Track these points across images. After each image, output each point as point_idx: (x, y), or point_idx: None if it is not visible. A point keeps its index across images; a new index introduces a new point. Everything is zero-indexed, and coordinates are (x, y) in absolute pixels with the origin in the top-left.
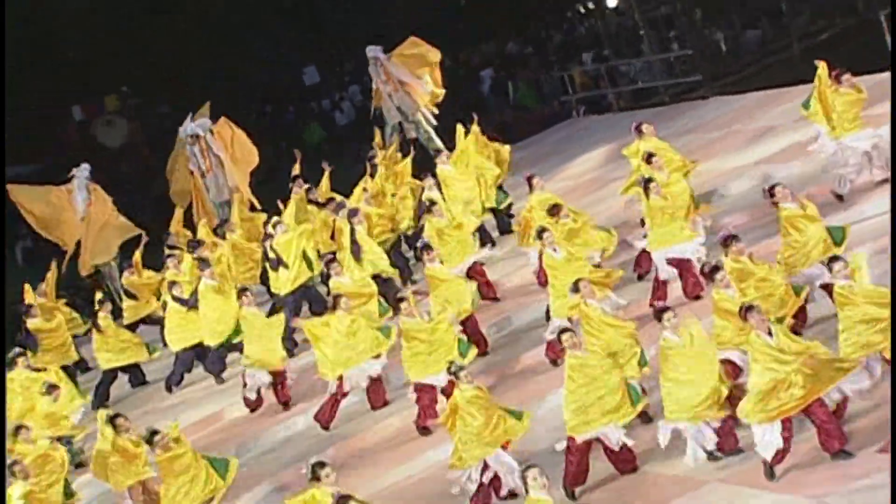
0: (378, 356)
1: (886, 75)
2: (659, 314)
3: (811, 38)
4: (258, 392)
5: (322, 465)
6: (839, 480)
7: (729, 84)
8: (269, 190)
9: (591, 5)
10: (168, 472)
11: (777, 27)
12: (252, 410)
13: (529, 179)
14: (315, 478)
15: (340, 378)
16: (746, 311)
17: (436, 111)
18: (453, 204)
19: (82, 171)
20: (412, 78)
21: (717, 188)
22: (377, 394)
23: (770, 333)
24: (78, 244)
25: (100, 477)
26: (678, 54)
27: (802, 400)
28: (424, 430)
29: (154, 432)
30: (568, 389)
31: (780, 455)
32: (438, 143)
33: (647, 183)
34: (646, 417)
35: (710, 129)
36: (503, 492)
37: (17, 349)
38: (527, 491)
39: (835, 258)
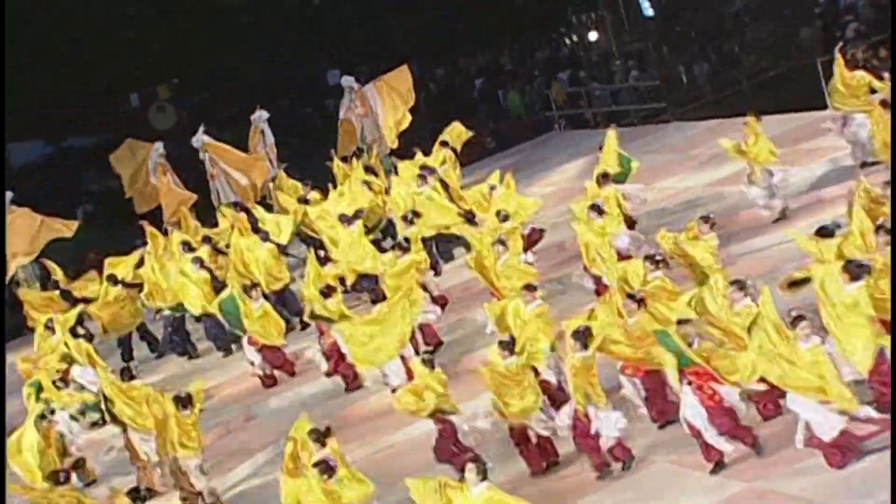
0: None
1: (819, 113)
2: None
3: (758, 76)
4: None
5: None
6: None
7: (688, 111)
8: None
9: (575, 38)
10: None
11: (731, 66)
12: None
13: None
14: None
15: None
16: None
17: (395, 143)
18: None
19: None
20: (382, 109)
21: (670, 206)
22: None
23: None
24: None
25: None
26: (647, 84)
27: None
28: None
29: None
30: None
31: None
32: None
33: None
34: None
35: (669, 151)
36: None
37: None
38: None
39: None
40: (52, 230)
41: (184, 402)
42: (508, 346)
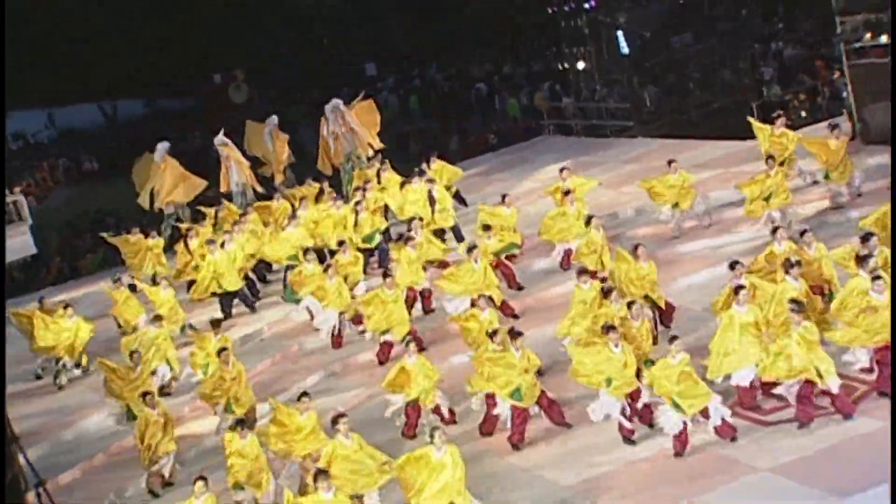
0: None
1: (748, 143)
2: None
3: (704, 107)
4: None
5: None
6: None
7: (650, 130)
8: None
9: (566, 65)
10: None
11: (684, 97)
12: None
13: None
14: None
15: None
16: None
17: (371, 154)
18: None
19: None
20: (360, 128)
21: (630, 208)
22: None
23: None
24: None
25: None
26: (619, 105)
27: None
28: None
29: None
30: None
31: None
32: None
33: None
34: None
35: (634, 161)
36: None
37: None
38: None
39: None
40: (195, 186)
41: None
42: None
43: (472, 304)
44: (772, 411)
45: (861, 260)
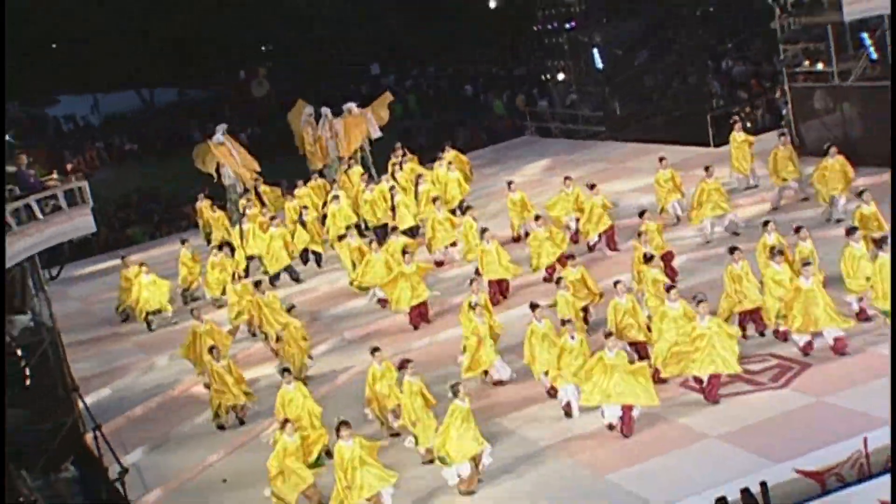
0: None
1: (705, 149)
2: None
3: (665, 116)
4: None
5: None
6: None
7: (619, 134)
8: None
9: (548, 76)
10: None
11: (649, 106)
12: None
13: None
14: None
15: None
16: None
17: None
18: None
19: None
20: (343, 133)
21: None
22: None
23: None
24: None
25: None
26: (593, 113)
27: None
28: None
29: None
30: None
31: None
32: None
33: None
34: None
35: (607, 162)
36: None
37: None
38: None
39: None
40: (251, 165)
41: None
42: None
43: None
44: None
45: (773, 253)
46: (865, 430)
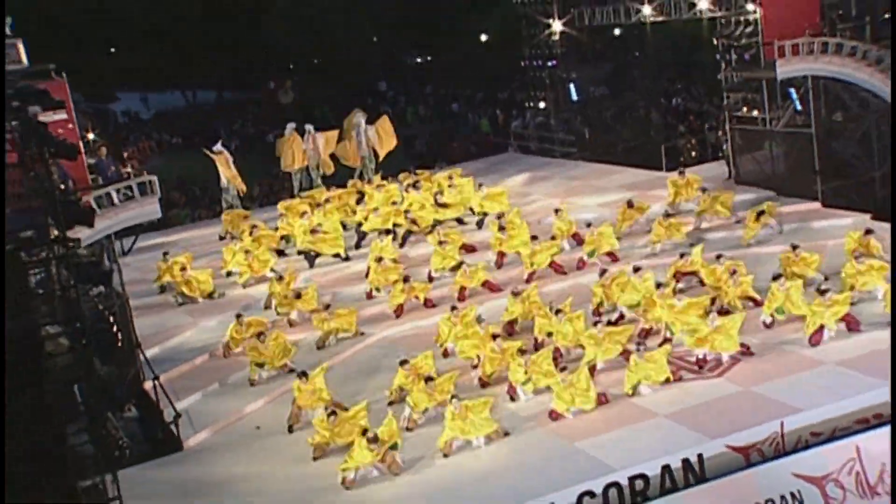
0: None
1: (657, 173)
2: None
3: (627, 143)
4: None
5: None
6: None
7: (587, 156)
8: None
9: (532, 104)
10: None
11: (612, 134)
12: None
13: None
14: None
15: None
16: None
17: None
18: None
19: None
20: (324, 148)
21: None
22: None
23: None
24: None
25: None
26: (566, 138)
27: None
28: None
29: None
30: None
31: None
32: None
33: None
34: None
35: (577, 179)
36: None
37: None
38: None
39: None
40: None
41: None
42: None
43: None
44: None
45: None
46: (782, 415)
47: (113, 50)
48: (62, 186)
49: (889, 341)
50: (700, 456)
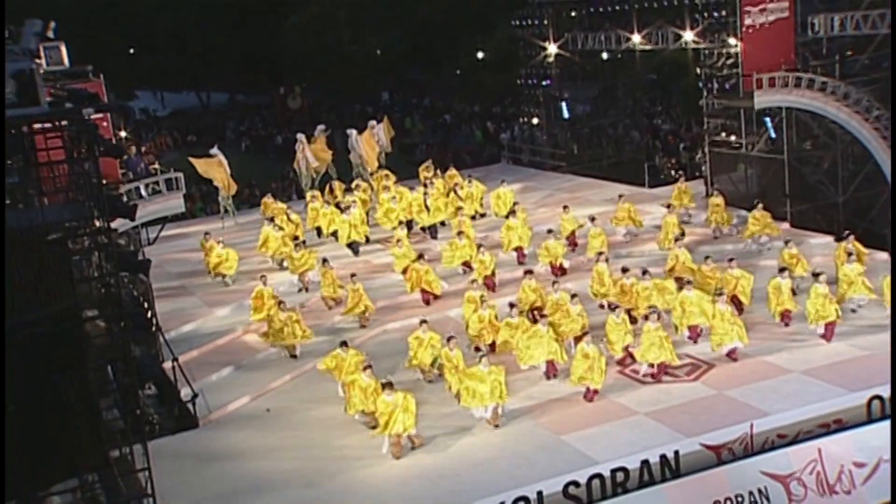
0: None
1: (639, 189)
2: None
3: (611, 158)
4: None
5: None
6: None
7: (575, 170)
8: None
9: (525, 119)
10: None
11: (599, 150)
12: None
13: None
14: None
15: None
16: None
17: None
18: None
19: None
20: (311, 159)
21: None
22: None
23: None
24: None
25: None
26: (558, 151)
27: None
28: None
29: None
30: None
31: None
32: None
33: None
34: None
35: (566, 192)
36: None
37: None
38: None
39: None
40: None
41: None
42: None
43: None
44: (645, 374)
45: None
46: (752, 417)
47: (132, 51)
48: (104, 182)
49: (846, 352)
50: (676, 452)
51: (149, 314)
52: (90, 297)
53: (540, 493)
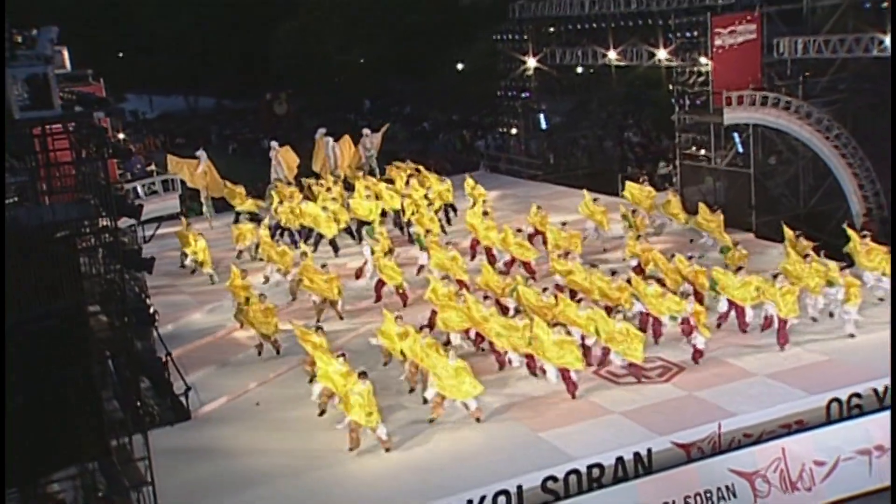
0: None
1: (612, 198)
2: None
3: (586, 168)
4: None
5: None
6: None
7: (551, 178)
8: None
9: (504, 129)
10: None
11: (572, 160)
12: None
13: None
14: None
15: None
16: None
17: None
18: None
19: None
20: (283, 164)
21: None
22: None
23: None
24: None
25: None
26: (535, 161)
27: None
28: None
29: None
30: None
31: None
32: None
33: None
34: None
35: (542, 199)
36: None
37: None
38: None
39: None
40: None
41: None
42: None
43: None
44: (622, 375)
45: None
46: (720, 418)
47: (121, 55)
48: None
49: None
50: (649, 450)
51: (150, 310)
52: (93, 293)
53: (520, 487)
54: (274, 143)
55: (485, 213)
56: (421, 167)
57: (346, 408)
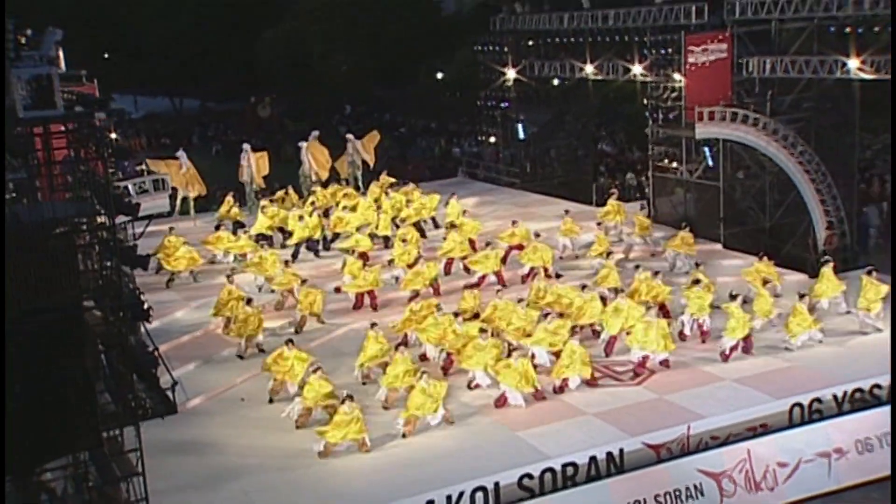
0: None
1: (587, 206)
2: None
3: (560, 178)
4: None
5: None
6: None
7: (528, 186)
8: None
9: (483, 137)
10: None
11: (548, 169)
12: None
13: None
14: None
15: None
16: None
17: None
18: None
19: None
20: (255, 168)
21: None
22: None
23: None
24: None
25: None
26: (512, 169)
27: None
28: None
29: None
30: None
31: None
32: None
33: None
34: None
35: (518, 207)
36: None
37: None
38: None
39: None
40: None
41: None
42: None
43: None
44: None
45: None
46: (689, 420)
47: (107, 56)
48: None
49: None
50: (621, 450)
51: (145, 305)
52: (88, 289)
53: (497, 484)
54: (246, 146)
55: (452, 225)
56: (411, 183)
57: (330, 429)
